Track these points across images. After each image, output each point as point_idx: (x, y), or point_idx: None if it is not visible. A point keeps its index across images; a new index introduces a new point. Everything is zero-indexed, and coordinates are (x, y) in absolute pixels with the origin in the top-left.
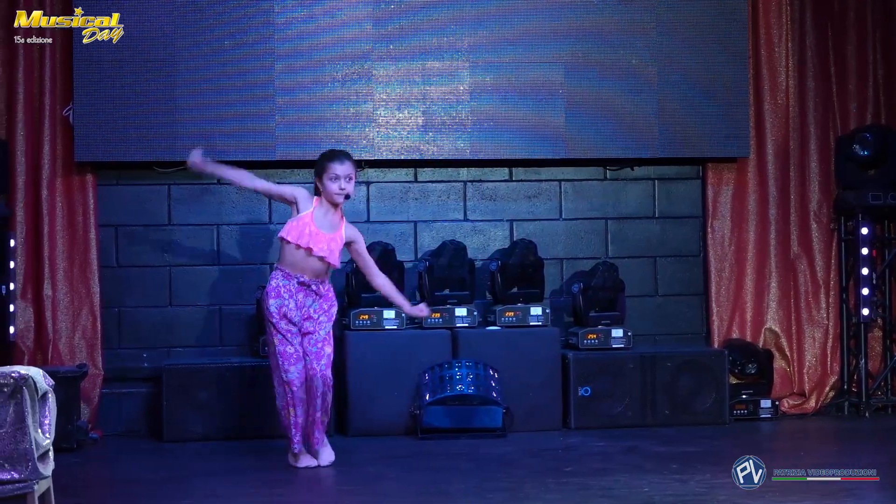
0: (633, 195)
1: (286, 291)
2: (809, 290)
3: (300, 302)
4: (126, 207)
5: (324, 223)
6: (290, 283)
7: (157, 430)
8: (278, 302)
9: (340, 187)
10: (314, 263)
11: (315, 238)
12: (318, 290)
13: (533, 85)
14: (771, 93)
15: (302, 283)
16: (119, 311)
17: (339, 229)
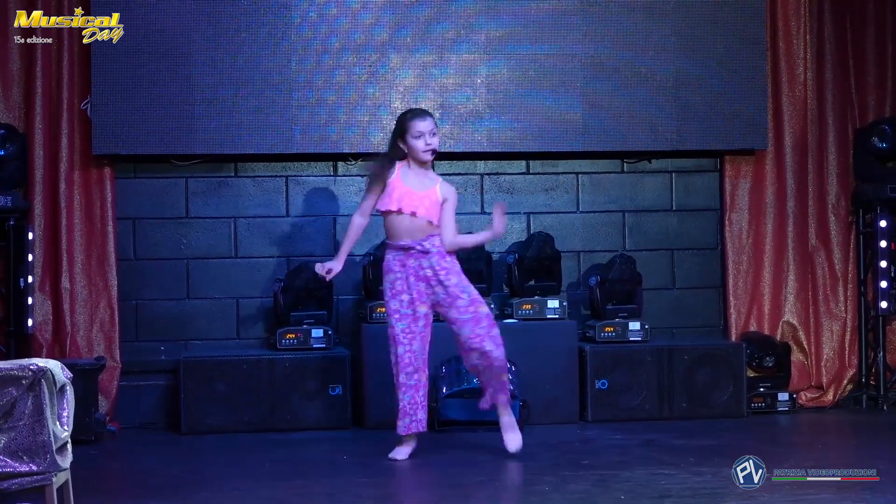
0: (650, 188)
1: (396, 262)
2: (827, 282)
3: (413, 267)
4: (143, 200)
5: (414, 182)
6: (397, 254)
7: (174, 422)
8: (391, 277)
9: (426, 143)
10: (408, 223)
11: (405, 197)
12: (423, 246)
13: (550, 77)
14: (789, 85)
15: (402, 247)
16: (136, 304)
17: (433, 187)
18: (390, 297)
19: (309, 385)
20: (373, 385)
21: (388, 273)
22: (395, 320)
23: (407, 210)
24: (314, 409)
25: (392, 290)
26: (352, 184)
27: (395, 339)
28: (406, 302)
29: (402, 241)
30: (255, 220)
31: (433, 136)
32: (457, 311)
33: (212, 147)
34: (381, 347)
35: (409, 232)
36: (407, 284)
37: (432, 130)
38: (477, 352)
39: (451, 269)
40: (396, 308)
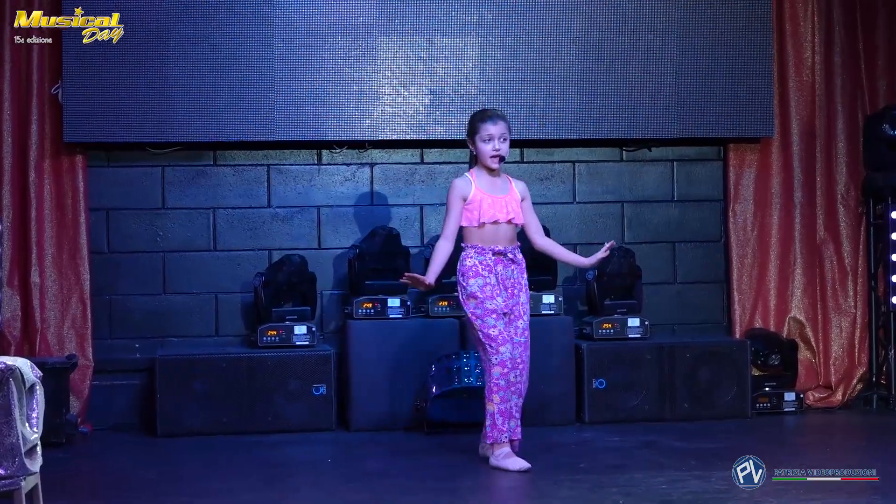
0: (650, 177)
1: (484, 267)
2: (836, 277)
3: (501, 274)
4: (117, 190)
5: (494, 188)
6: (485, 258)
7: (149, 424)
8: (479, 281)
9: (494, 148)
10: (505, 229)
11: (494, 206)
12: (515, 256)
13: (545, 61)
14: (796, 70)
15: (497, 252)
16: (110, 299)
17: (510, 188)
18: (486, 297)
19: (291, 385)
20: (359, 385)
21: (476, 277)
22: (494, 319)
23: (502, 218)
24: (297, 411)
25: (485, 292)
26: (336, 172)
27: (496, 340)
28: (502, 302)
29: (494, 245)
30: (234, 211)
31: (503, 142)
32: (514, 330)
33: (189, 134)
34: (367, 345)
35: (506, 238)
36: (499, 289)
37: (503, 135)
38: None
39: (526, 286)
40: (494, 308)
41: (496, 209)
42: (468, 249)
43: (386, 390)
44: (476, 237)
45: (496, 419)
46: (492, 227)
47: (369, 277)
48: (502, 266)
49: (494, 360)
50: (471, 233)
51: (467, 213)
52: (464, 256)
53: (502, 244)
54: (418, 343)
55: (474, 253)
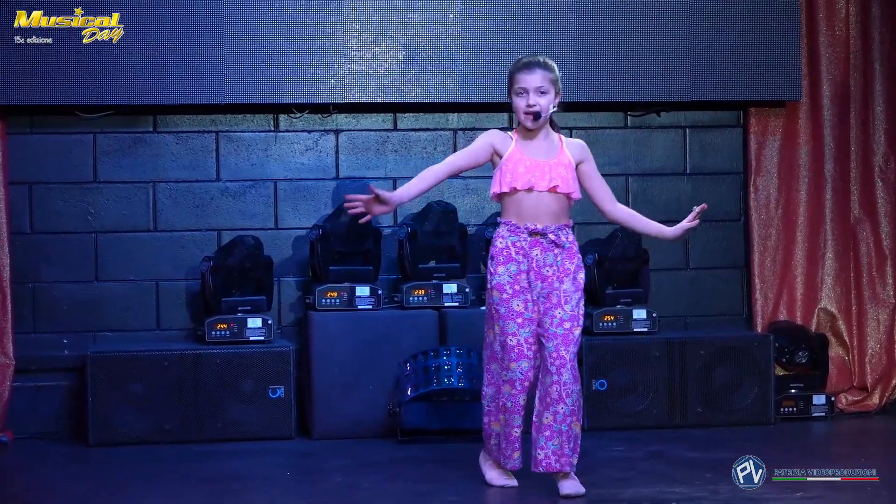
0: (659, 146)
1: (518, 251)
2: (873, 261)
3: (537, 260)
4: (42, 161)
5: (538, 151)
6: (519, 238)
7: (80, 431)
8: (511, 269)
9: (528, 104)
10: (547, 202)
11: (535, 169)
12: (559, 239)
13: (537, 12)
14: (827, 22)
15: (535, 232)
16: (34, 288)
17: (561, 150)
18: (511, 294)
19: (244, 386)
20: (322, 387)
21: (507, 262)
22: (517, 326)
23: (545, 186)
24: (250, 416)
25: (514, 286)
26: (296, 140)
27: (514, 352)
28: (532, 302)
29: (532, 223)
30: (178, 186)
31: (540, 95)
32: (550, 320)
33: (126, 96)
34: (332, 340)
35: (549, 214)
36: (529, 282)
37: (540, 87)
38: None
39: (572, 272)
40: (520, 310)
41: (534, 174)
42: (501, 227)
43: (353, 393)
44: (512, 210)
45: (501, 443)
46: (530, 198)
47: (334, 262)
48: (540, 250)
49: (504, 375)
50: (507, 204)
51: (500, 175)
52: (496, 236)
53: (543, 221)
54: (391, 338)
55: (507, 231)
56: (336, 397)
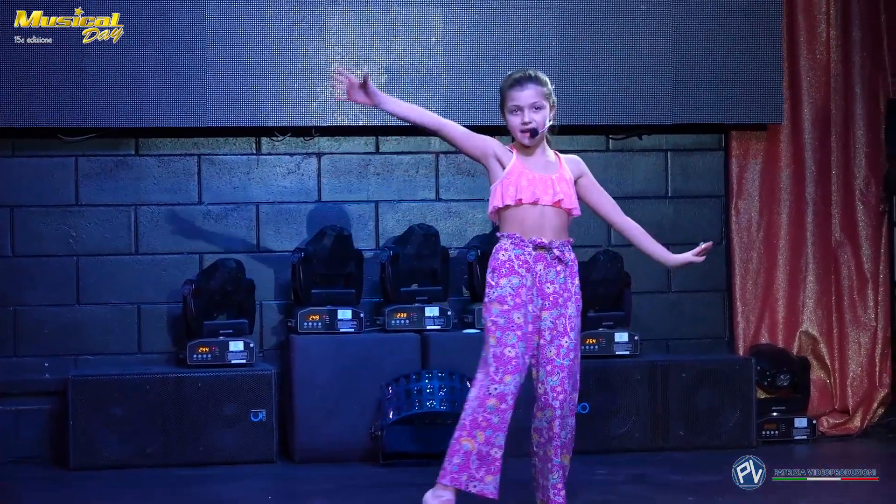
0: (640, 170)
1: (521, 265)
2: (854, 284)
3: (540, 275)
4: (23, 184)
5: (538, 166)
6: (524, 252)
7: (61, 455)
8: (514, 281)
9: (523, 122)
10: (552, 217)
11: (538, 183)
12: (563, 254)
13: (519, 35)
14: (808, 46)
15: (540, 246)
16: (14, 311)
17: (560, 166)
18: (512, 306)
19: (226, 410)
20: (304, 410)
21: (510, 275)
22: (516, 338)
23: (547, 199)
24: (232, 439)
25: (515, 298)
26: (278, 164)
27: (509, 364)
28: (530, 318)
29: (538, 237)
30: (160, 209)
31: (535, 112)
32: (556, 350)
33: (107, 119)
34: (314, 363)
35: (553, 228)
36: (531, 296)
37: (534, 103)
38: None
39: (575, 294)
40: (520, 323)
41: (538, 188)
42: (503, 240)
43: (335, 416)
44: (515, 223)
45: (471, 461)
46: (534, 212)
47: (316, 285)
48: (543, 265)
49: (493, 389)
50: (509, 217)
51: (502, 188)
52: (497, 248)
53: (547, 235)
54: (373, 361)
55: (510, 244)
56: (318, 420)
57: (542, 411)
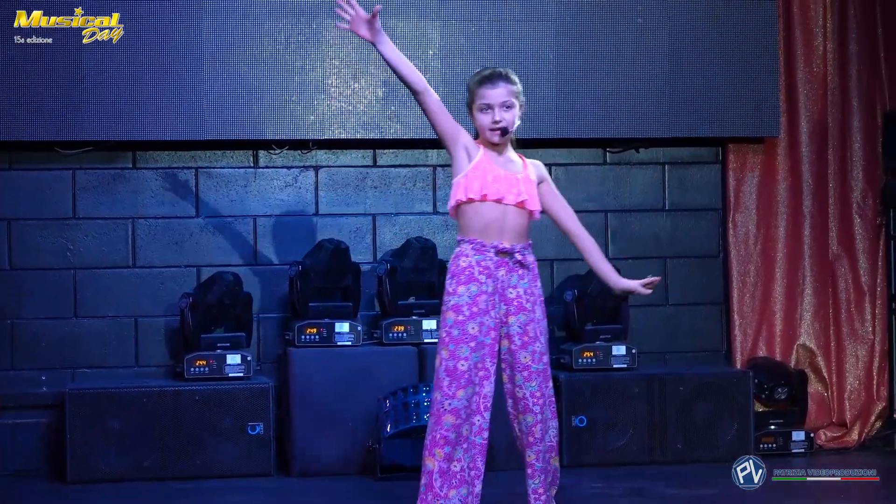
0: (638, 183)
1: (482, 271)
2: (852, 297)
3: (502, 281)
4: (21, 197)
5: (504, 164)
6: (485, 258)
7: (58, 468)
8: (472, 289)
9: (493, 120)
10: (514, 217)
11: (503, 181)
12: (524, 258)
13: (516, 49)
14: (805, 59)
15: (502, 251)
16: (12, 324)
17: (525, 166)
18: (468, 316)
19: (223, 423)
20: (301, 423)
21: (469, 283)
22: (469, 350)
23: (511, 198)
24: (230, 453)
25: (472, 307)
26: (276, 177)
27: (462, 378)
28: (487, 328)
29: (497, 241)
30: (157, 222)
31: (506, 111)
32: (530, 356)
33: (105, 132)
34: (311, 376)
35: (514, 231)
36: (492, 303)
37: (505, 102)
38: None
39: (540, 299)
40: (475, 334)
41: (503, 186)
42: (464, 245)
43: (333, 429)
44: (476, 227)
45: (433, 480)
46: (497, 212)
47: (314, 298)
48: (506, 270)
49: (448, 405)
50: (469, 218)
51: (466, 182)
52: (458, 254)
53: (509, 239)
54: (370, 374)
55: (472, 250)
56: (315, 434)
57: (523, 415)
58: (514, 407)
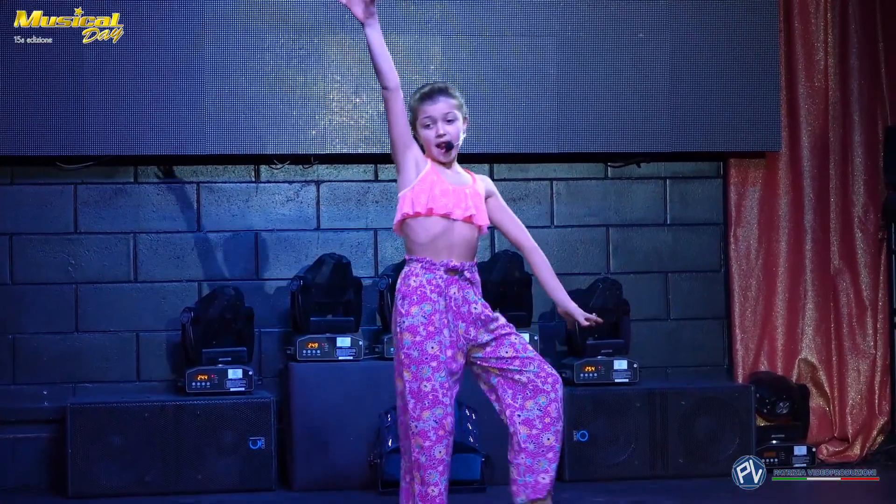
0: (639, 197)
1: (434, 290)
2: (853, 312)
3: (455, 299)
4: (23, 211)
5: (452, 178)
6: (435, 276)
7: (60, 483)
8: (426, 308)
9: (437, 133)
10: (462, 233)
11: (451, 195)
12: (473, 276)
13: (518, 63)
14: (806, 74)
15: (452, 269)
16: (13, 339)
17: (473, 180)
18: (425, 336)
19: (225, 437)
20: (303, 438)
21: (422, 302)
22: (431, 370)
23: (459, 213)
24: (231, 467)
25: (427, 327)
26: (277, 191)
27: (426, 399)
28: (446, 345)
29: (446, 259)
30: (158, 237)
31: (449, 124)
32: (511, 348)
33: (106, 147)
34: (312, 391)
35: (463, 248)
36: (447, 320)
37: (447, 115)
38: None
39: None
40: (435, 353)
41: (451, 200)
42: (413, 264)
43: (334, 444)
44: (425, 246)
45: None
46: (444, 228)
47: (315, 313)
48: (457, 288)
49: (415, 427)
50: (416, 234)
51: (412, 195)
52: (406, 274)
53: (457, 257)
54: (372, 389)
55: (421, 269)
56: (317, 448)
57: (534, 398)
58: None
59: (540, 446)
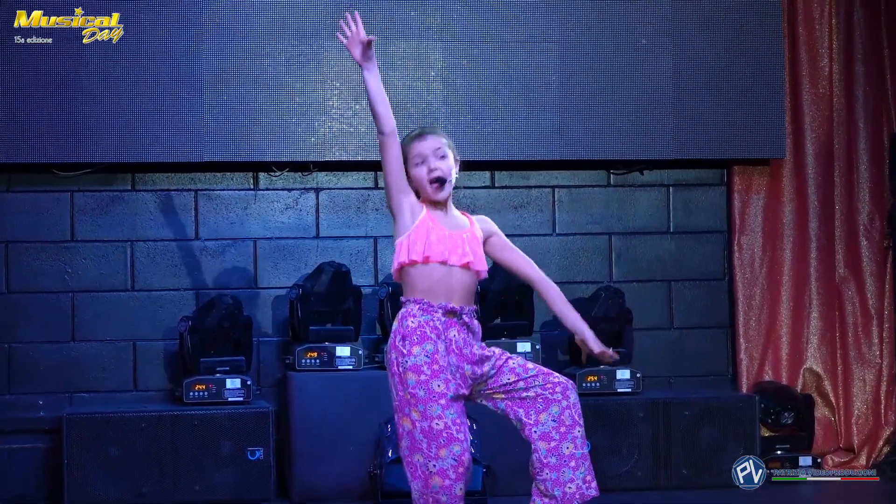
0: (642, 205)
1: (433, 330)
2: (859, 321)
3: (455, 341)
4: (19, 219)
5: (448, 223)
6: (433, 318)
7: (56, 494)
8: (426, 348)
9: (429, 168)
10: (461, 279)
11: (448, 241)
12: (472, 322)
13: (520, 70)
14: (811, 80)
15: (450, 311)
16: (9, 348)
17: (471, 224)
18: (430, 375)
19: (223, 448)
20: (302, 448)
21: (423, 342)
22: (441, 408)
23: (456, 259)
24: (229, 478)
25: (432, 366)
26: (276, 199)
27: (440, 437)
28: (448, 384)
29: (447, 302)
30: (156, 245)
31: (440, 159)
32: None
33: (103, 154)
34: (312, 401)
35: (462, 292)
36: (448, 361)
37: (438, 150)
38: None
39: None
40: (442, 391)
41: (447, 246)
42: (410, 305)
43: (334, 454)
44: (422, 289)
45: None
46: (442, 273)
47: (314, 322)
48: (456, 331)
49: (432, 467)
50: (414, 275)
51: (409, 242)
52: (404, 315)
53: (457, 300)
54: (372, 399)
55: (419, 310)
56: (316, 459)
57: (546, 412)
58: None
59: (561, 457)
